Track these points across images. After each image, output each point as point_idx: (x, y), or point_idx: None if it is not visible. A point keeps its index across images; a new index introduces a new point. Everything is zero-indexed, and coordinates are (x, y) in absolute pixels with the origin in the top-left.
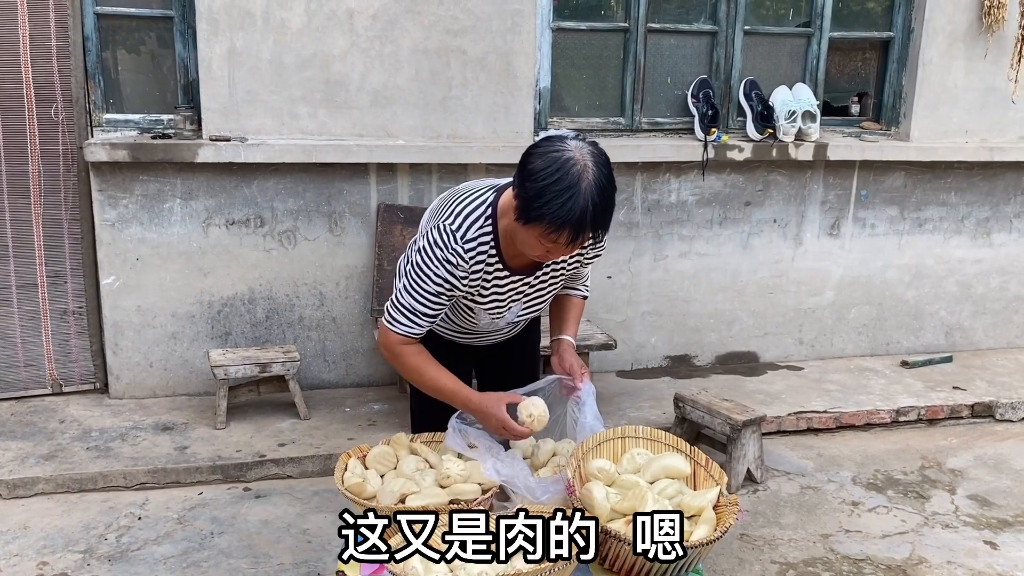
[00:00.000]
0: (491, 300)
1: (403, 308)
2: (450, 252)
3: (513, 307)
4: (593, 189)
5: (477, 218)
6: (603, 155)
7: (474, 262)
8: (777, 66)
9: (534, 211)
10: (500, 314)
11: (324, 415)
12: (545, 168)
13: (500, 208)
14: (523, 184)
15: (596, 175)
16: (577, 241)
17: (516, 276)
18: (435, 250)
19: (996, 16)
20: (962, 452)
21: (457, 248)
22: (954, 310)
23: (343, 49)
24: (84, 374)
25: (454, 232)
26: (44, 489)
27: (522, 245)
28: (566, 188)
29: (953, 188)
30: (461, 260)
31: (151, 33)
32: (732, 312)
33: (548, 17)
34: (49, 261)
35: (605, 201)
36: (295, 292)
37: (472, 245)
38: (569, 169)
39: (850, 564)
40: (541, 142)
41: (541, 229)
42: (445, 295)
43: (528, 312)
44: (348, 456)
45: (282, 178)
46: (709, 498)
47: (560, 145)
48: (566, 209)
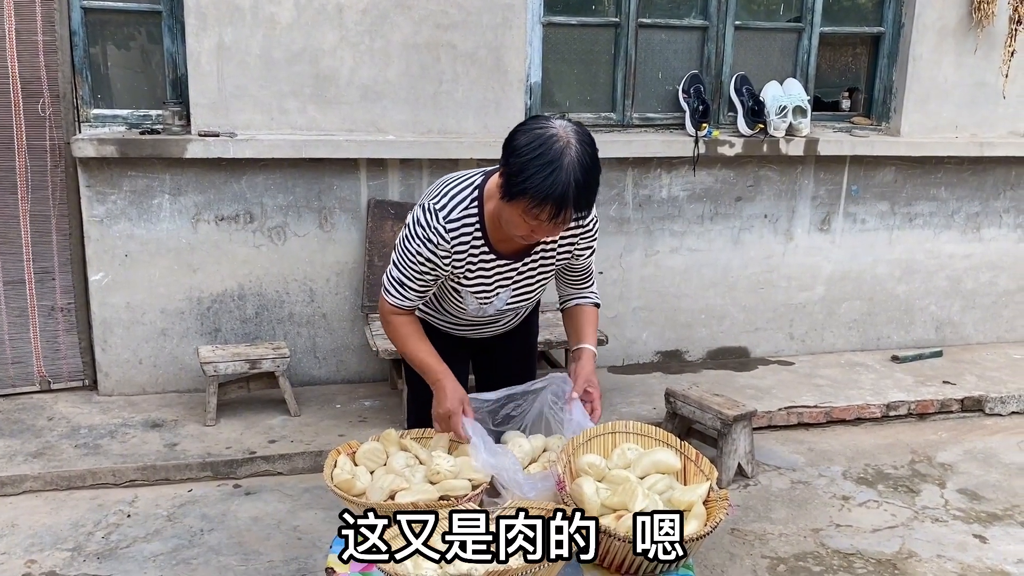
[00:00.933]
0: (477, 284)
1: (394, 280)
2: (431, 231)
3: (501, 293)
4: (576, 165)
5: (463, 200)
6: (587, 134)
7: (456, 242)
8: (768, 61)
9: (517, 186)
10: (488, 300)
11: (314, 411)
12: (528, 144)
13: (487, 191)
14: (507, 161)
15: (579, 151)
16: (559, 217)
17: (503, 261)
18: (418, 228)
19: (986, 11)
20: (952, 446)
21: (438, 227)
22: (944, 305)
23: (332, 44)
24: (72, 371)
25: (437, 212)
26: (32, 487)
27: (507, 225)
28: (548, 163)
29: (943, 183)
30: (442, 240)
31: (139, 28)
32: (723, 307)
33: (539, 12)
34: (37, 257)
35: (588, 178)
36: (285, 288)
37: (455, 225)
38: (552, 145)
39: (840, 558)
40: (527, 120)
41: (524, 204)
42: (429, 274)
43: (517, 301)
44: (338, 452)
45: (271, 174)
46: (699, 493)
47: (545, 123)
48: (548, 183)
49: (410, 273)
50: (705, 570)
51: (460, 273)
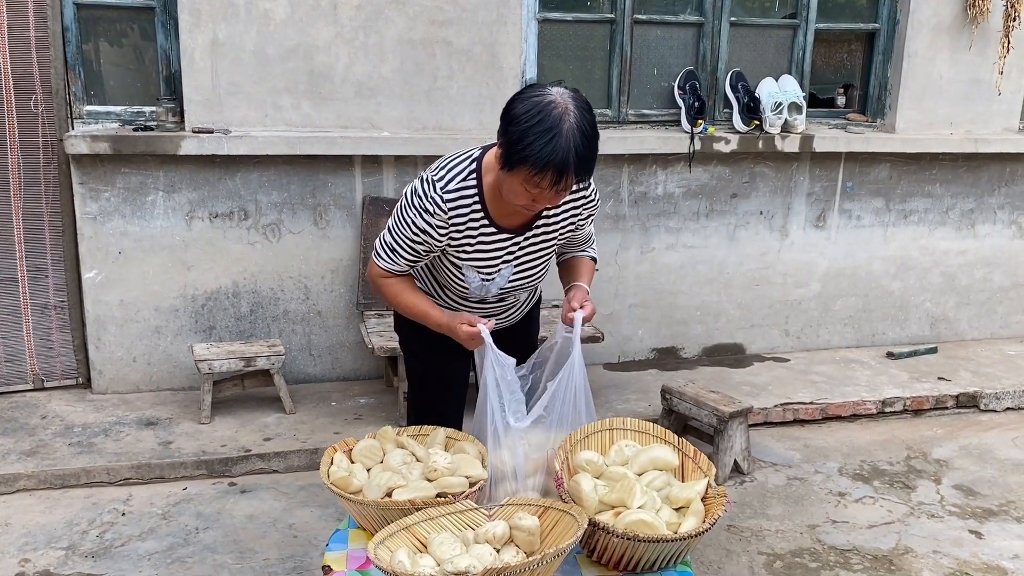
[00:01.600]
0: (479, 258)
1: (386, 245)
2: (428, 201)
3: (504, 270)
4: (575, 130)
5: (461, 171)
6: (585, 101)
7: (453, 213)
8: (763, 58)
9: (517, 154)
10: (490, 276)
11: (310, 409)
12: (527, 112)
13: (485, 164)
14: (506, 130)
15: (578, 117)
16: (560, 184)
17: (505, 234)
18: (415, 199)
19: (980, 8)
20: (947, 442)
21: (435, 197)
22: (939, 301)
23: (327, 40)
24: (66, 369)
25: (435, 182)
26: (26, 485)
27: (508, 195)
28: (547, 129)
29: (938, 180)
30: (439, 209)
31: (132, 24)
32: (719, 304)
33: (534, 8)
34: (30, 255)
35: (588, 143)
36: (280, 285)
37: (452, 196)
38: (551, 112)
39: (837, 554)
40: (524, 89)
41: (525, 173)
42: (422, 244)
43: (521, 278)
44: (334, 450)
45: (266, 170)
46: (697, 490)
47: (542, 91)
48: (548, 150)
49: (403, 241)
50: (702, 566)
51: (460, 247)
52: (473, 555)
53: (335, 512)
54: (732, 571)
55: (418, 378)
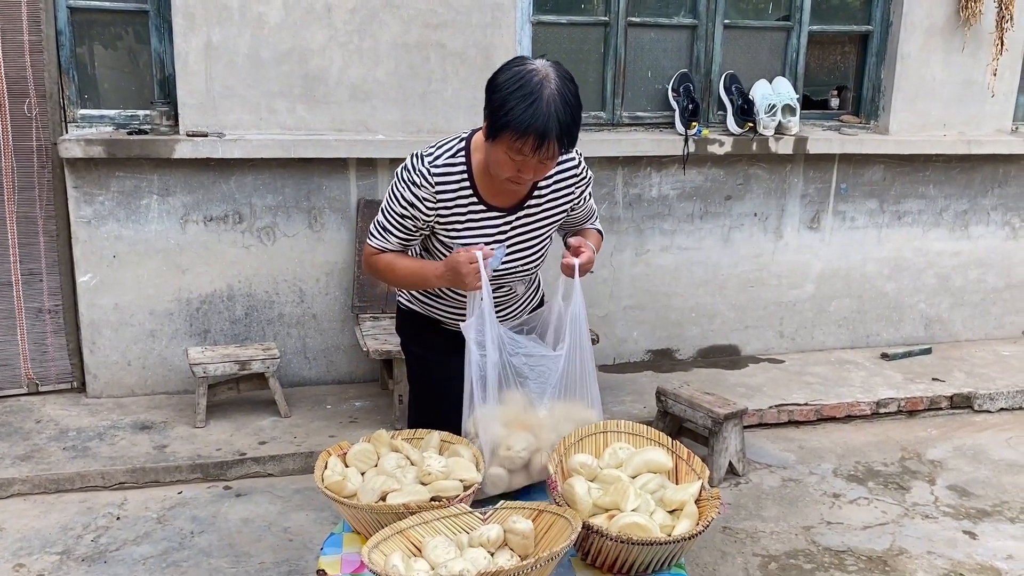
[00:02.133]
0: (469, 237)
1: (378, 224)
2: (416, 173)
3: (496, 250)
4: (556, 96)
5: (449, 149)
6: (568, 73)
7: (441, 187)
8: (757, 60)
9: (499, 120)
10: None
11: (305, 413)
12: (508, 79)
13: (474, 142)
14: (490, 99)
15: (559, 85)
16: (542, 150)
17: (495, 212)
18: (404, 173)
19: (973, 10)
20: (941, 443)
21: (422, 169)
22: (933, 302)
23: (321, 43)
24: (61, 373)
25: (424, 157)
26: (20, 490)
27: (495, 168)
28: (528, 94)
29: (932, 181)
30: (426, 182)
31: (126, 27)
32: (713, 306)
33: (528, 11)
34: (24, 259)
35: (569, 110)
36: (275, 289)
37: (440, 170)
38: (531, 79)
39: (832, 556)
40: (507, 62)
41: (507, 139)
42: (410, 220)
43: (515, 261)
44: (328, 454)
45: (260, 174)
46: (691, 492)
47: (524, 61)
48: (528, 114)
49: (393, 217)
50: (697, 568)
51: (451, 225)
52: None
53: (330, 516)
54: (727, 573)
55: (419, 380)
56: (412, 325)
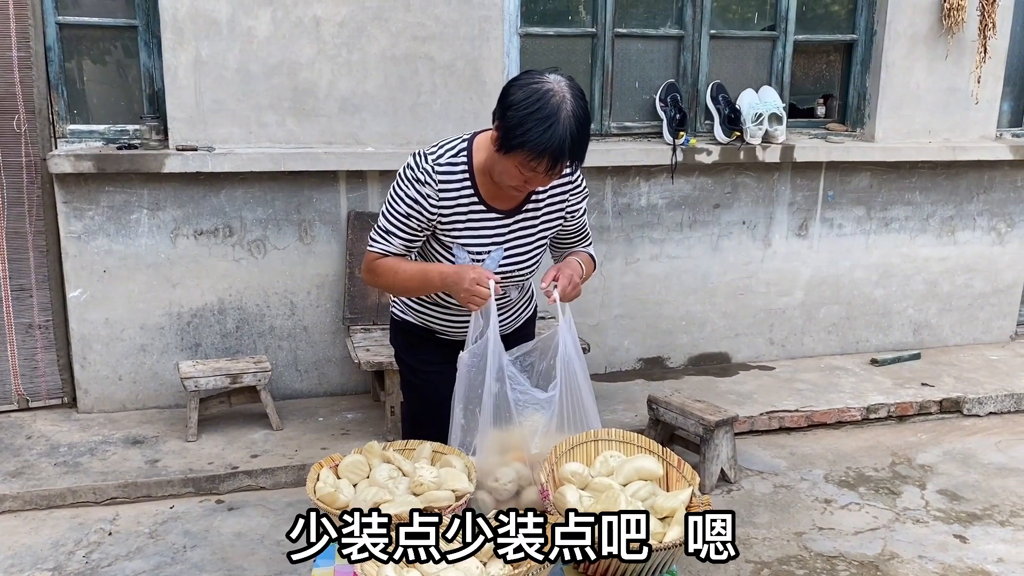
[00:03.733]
0: (467, 236)
1: (380, 228)
2: (420, 171)
3: (493, 253)
4: (571, 118)
5: (452, 148)
6: (580, 89)
7: (444, 185)
8: (743, 69)
9: (515, 139)
10: (480, 256)
11: (297, 425)
12: (526, 98)
13: (476, 143)
14: (504, 114)
15: (574, 106)
16: (555, 169)
17: (494, 214)
18: (407, 171)
19: (956, 18)
20: (931, 448)
21: (427, 167)
22: (921, 308)
23: (310, 57)
24: (51, 389)
25: (427, 155)
26: (11, 507)
27: (501, 176)
28: (546, 117)
29: (918, 187)
30: (430, 179)
31: (115, 43)
32: (703, 314)
33: (516, 23)
34: (14, 274)
35: (582, 131)
36: (265, 302)
37: (443, 168)
38: (549, 99)
39: (824, 561)
40: (521, 75)
41: (522, 157)
42: (414, 218)
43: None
44: (320, 466)
45: (250, 187)
46: (682, 499)
47: (539, 77)
48: (546, 137)
49: (397, 218)
50: (689, 575)
51: (451, 224)
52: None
53: None
54: None
55: (413, 392)
56: (406, 336)
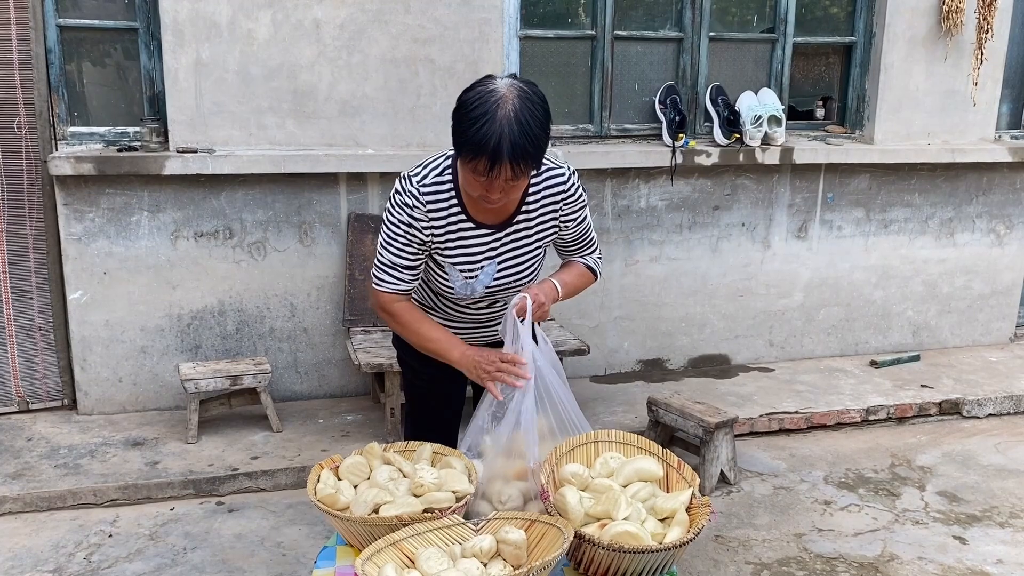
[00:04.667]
0: (459, 255)
1: (383, 265)
2: (407, 195)
3: (487, 267)
4: (511, 117)
5: (436, 167)
6: (535, 94)
7: (432, 206)
8: (743, 72)
9: (457, 141)
10: (473, 273)
11: (297, 427)
12: (469, 99)
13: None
14: (453, 118)
15: (516, 107)
16: (495, 171)
17: (484, 230)
18: (396, 197)
19: (954, 21)
20: (931, 449)
21: (412, 190)
22: (920, 309)
23: (310, 59)
24: (51, 391)
25: (411, 177)
26: (11, 508)
27: (464, 185)
28: (481, 115)
29: (917, 189)
30: (417, 202)
31: (116, 45)
32: (703, 316)
33: (516, 25)
34: (14, 276)
35: (525, 131)
36: (265, 304)
37: (429, 190)
38: (488, 99)
39: (823, 563)
40: (476, 80)
41: (464, 159)
42: (413, 244)
43: (504, 278)
44: (321, 467)
45: (251, 189)
46: (682, 500)
47: (489, 82)
48: (479, 135)
49: (396, 249)
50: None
51: (443, 244)
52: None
53: (323, 530)
54: None
55: (416, 393)
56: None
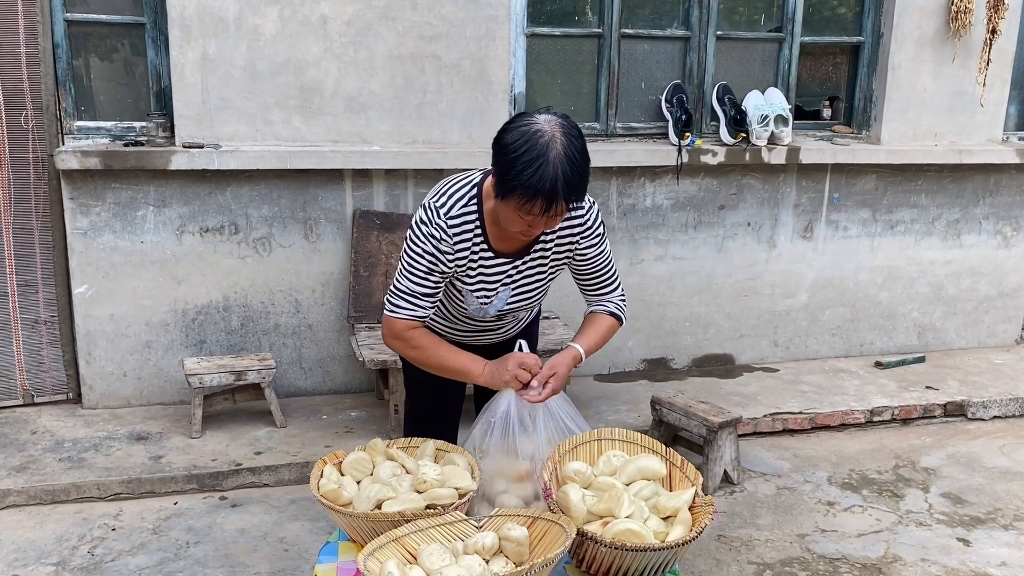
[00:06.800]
0: (478, 283)
1: (402, 293)
2: (434, 227)
3: (501, 293)
4: (562, 157)
5: (462, 197)
6: (574, 127)
7: (458, 238)
8: (749, 71)
9: (507, 184)
10: (488, 299)
11: (300, 423)
12: (515, 141)
13: (485, 190)
14: (497, 160)
15: (564, 144)
16: (551, 211)
17: (503, 259)
18: (422, 227)
19: (963, 21)
20: (935, 451)
21: (440, 223)
22: (926, 311)
23: (317, 55)
24: (56, 384)
25: (438, 208)
26: (16, 501)
27: (505, 222)
28: (535, 158)
29: (923, 190)
30: (445, 235)
31: (123, 40)
32: (708, 315)
33: (522, 23)
34: (20, 270)
35: (575, 169)
36: (270, 299)
37: (456, 221)
38: (537, 140)
39: (826, 563)
40: (513, 118)
41: (516, 201)
42: (436, 273)
43: (517, 301)
44: (324, 463)
45: (256, 185)
46: (684, 499)
47: (529, 119)
48: (536, 179)
49: (419, 278)
50: (691, 575)
51: (463, 272)
52: (462, 566)
53: (326, 525)
54: None
55: (418, 390)
56: None
